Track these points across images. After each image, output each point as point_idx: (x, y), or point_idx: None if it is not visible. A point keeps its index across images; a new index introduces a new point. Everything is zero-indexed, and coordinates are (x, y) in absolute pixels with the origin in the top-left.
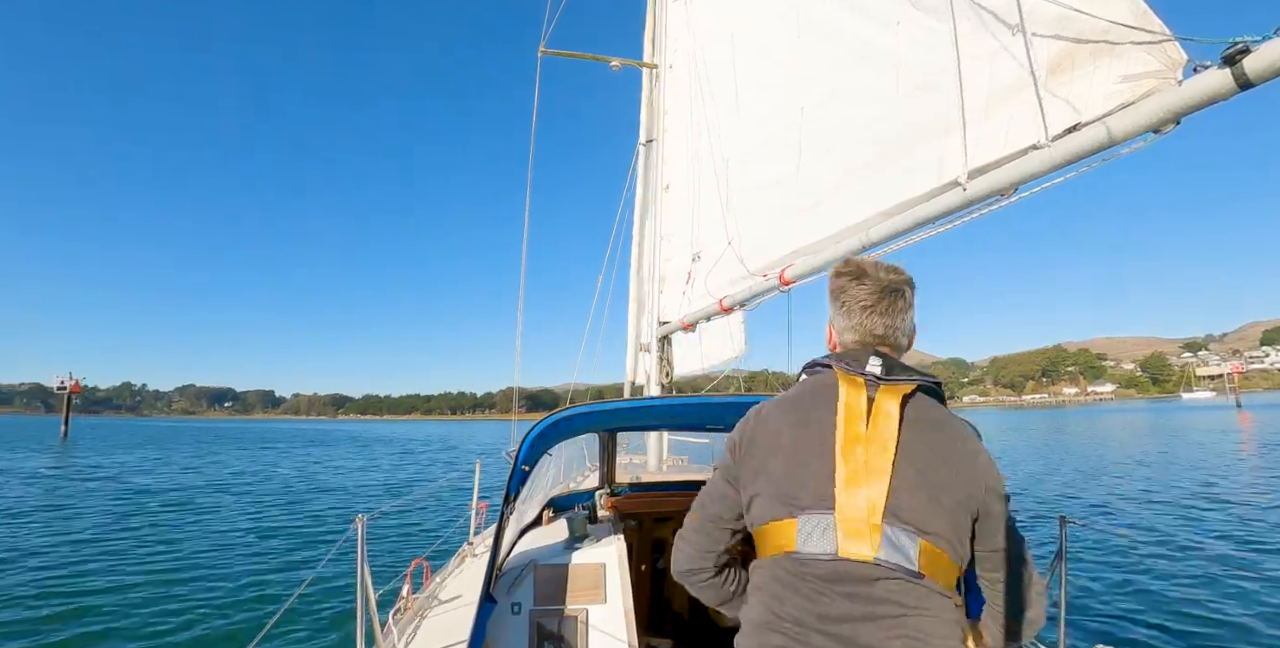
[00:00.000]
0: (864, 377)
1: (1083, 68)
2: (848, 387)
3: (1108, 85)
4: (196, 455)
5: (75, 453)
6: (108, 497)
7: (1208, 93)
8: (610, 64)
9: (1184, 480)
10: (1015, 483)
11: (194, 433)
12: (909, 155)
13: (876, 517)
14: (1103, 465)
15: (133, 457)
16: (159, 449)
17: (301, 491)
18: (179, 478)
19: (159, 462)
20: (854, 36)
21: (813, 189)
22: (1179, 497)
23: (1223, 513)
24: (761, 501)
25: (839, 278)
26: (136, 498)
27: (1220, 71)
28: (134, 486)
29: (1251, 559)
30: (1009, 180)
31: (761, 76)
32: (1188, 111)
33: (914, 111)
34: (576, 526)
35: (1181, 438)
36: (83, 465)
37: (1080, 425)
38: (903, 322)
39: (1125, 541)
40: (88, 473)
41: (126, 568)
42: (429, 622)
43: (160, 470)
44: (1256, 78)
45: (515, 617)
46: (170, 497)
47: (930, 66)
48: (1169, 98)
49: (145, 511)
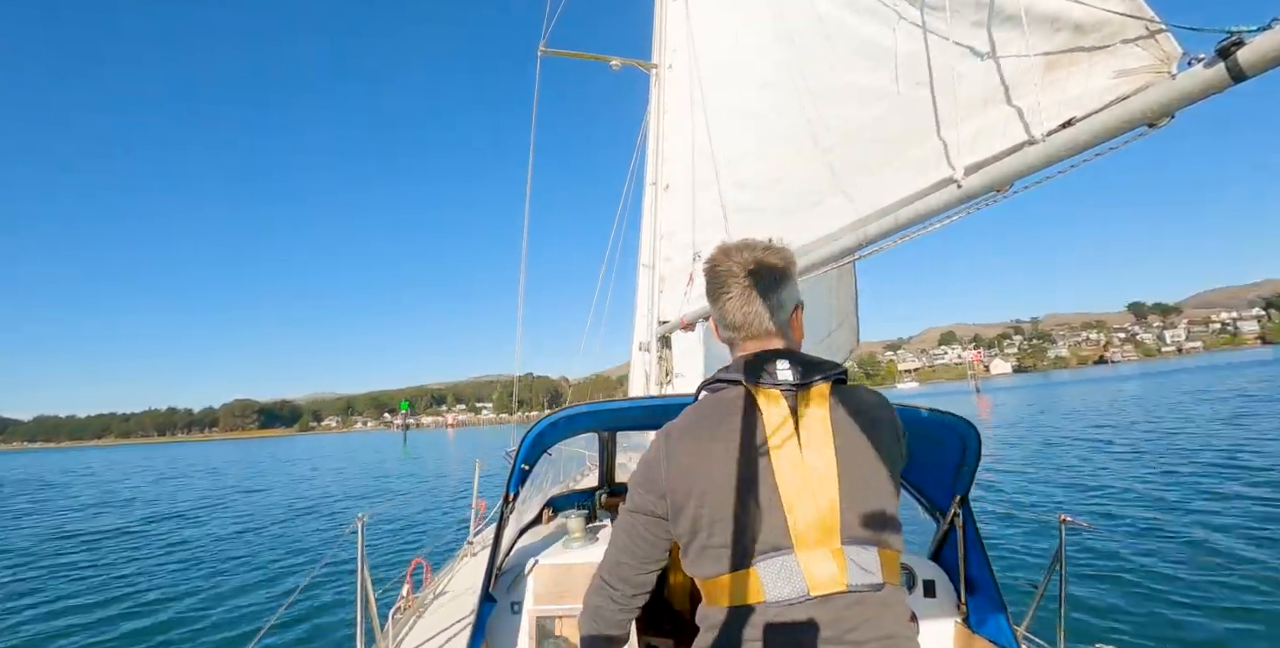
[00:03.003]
0: (778, 387)
1: (1078, 64)
2: (765, 403)
3: (1103, 80)
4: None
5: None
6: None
7: (1201, 86)
8: (610, 63)
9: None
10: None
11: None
12: (905, 153)
13: (836, 541)
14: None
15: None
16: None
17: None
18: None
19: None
20: (853, 35)
21: (810, 188)
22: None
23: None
24: (704, 551)
25: (706, 277)
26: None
27: (1214, 64)
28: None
29: (1258, 559)
30: (1004, 176)
31: (761, 76)
32: (1181, 105)
33: (911, 109)
34: (576, 525)
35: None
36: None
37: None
38: (779, 302)
39: (1126, 541)
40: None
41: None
42: (429, 621)
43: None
44: (1251, 70)
45: (515, 616)
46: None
47: (927, 65)
48: (1161, 92)
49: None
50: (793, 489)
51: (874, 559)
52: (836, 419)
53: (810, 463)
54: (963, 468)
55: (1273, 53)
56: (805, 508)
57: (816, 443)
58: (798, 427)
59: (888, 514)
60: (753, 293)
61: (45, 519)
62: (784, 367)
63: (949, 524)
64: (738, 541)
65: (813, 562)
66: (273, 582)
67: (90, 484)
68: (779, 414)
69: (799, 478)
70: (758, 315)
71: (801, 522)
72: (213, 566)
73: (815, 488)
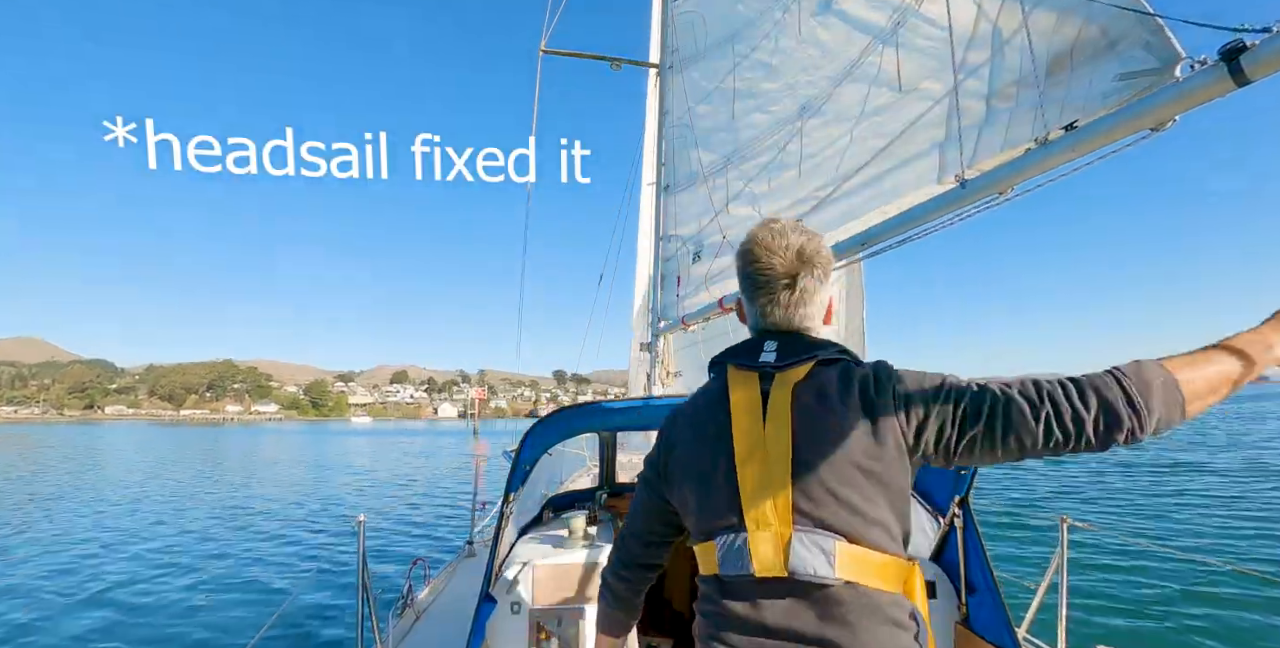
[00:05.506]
0: (757, 369)
1: (1081, 67)
2: (737, 385)
3: (1105, 84)
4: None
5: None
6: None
7: (1204, 91)
8: (611, 64)
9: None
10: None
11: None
12: (908, 155)
13: (787, 526)
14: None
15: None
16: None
17: None
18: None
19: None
20: (854, 38)
21: (813, 191)
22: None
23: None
24: (688, 520)
25: (742, 272)
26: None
27: (1217, 69)
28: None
29: (1259, 560)
30: (1006, 179)
31: (763, 78)
32: (1185, 109)
33: (914, 112)
34: (576, 525)
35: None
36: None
37: (275, 444)
38: (808, 298)
39: (1127, 541)
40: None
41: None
42: (429, 621)
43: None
44: (1254, 74)
45: (515, 616)
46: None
47: (930, 68)
48: (1165, 96)
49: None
50: (750, 470)
51: (827, 550)
52: (802, 402)
53: (769, 446)
54: (963, 470)
55: (1276, 57)
56: (759, 490)
57: (777, 425)
58: (766, 409)
59: (854, 503)
60: (789, 294)
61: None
62: (770, 348)
63: (949, 525)
64: (704, 515)
65: (760, 543)
66: (272, 582)
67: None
68: (749, 396)
69: (756, 460)
70: (785, 316)
71: (754, 503)
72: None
73: (770, 471)
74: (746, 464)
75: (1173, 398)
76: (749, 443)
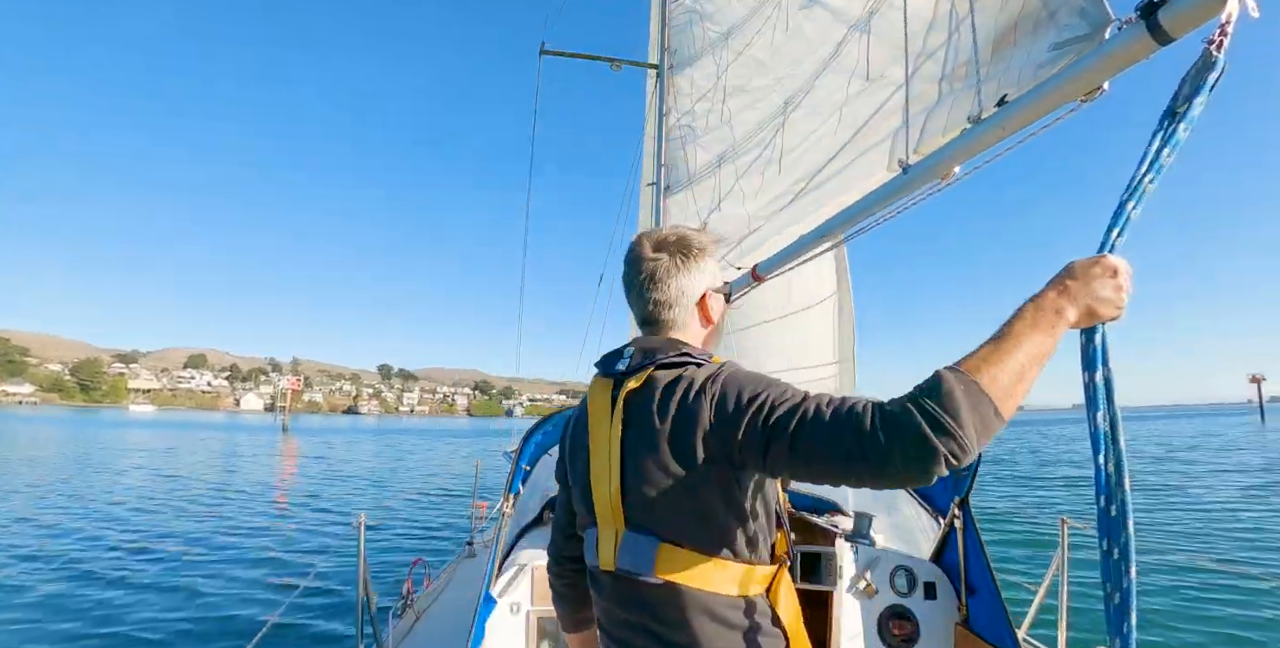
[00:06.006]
0: (613, 377)
1: (1022, 41)
2: (594, 393)
3: (1041, 54)
4: None
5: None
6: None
7: (1125, 52)
8: (611, 64)
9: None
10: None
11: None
12: (868, 145)
13: (620, 523)
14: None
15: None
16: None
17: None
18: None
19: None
20: (834, 28)
21: (790, 185)
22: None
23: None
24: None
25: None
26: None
27: (1136, 27)
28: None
29: (1259, 563)
30: (945, 162)
31: (754, 74)
32: (1108, 75)
33: (874, 104)
34: None
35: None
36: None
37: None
38: (661, 293)
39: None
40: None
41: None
42: (429, 621)
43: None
44: (1175, 31)
45: (515, 616)
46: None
47: (894, 55)
48: (1088, 61)
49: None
50: (597, 473)
51: (649, 547)
52: (633, 409)
53: (610, 451)
54: (962, 471)
55: (1193, 10)
56: (602, 491)
57: (614, 433)
58: (612, 414)
59: (674, 508)
60: (639, 277)
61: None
62: (627, 354)
63: (949, 526)
64: (580, 510)
65: (603, 538)
66: (272, 581)
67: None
68: (601, 403)
69: (599, 463)
70: (640, 304)
71: (599, 502)
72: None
73: (609, 475)
74: (593, 467)
75: (981, 404)
76: (597, 448)
